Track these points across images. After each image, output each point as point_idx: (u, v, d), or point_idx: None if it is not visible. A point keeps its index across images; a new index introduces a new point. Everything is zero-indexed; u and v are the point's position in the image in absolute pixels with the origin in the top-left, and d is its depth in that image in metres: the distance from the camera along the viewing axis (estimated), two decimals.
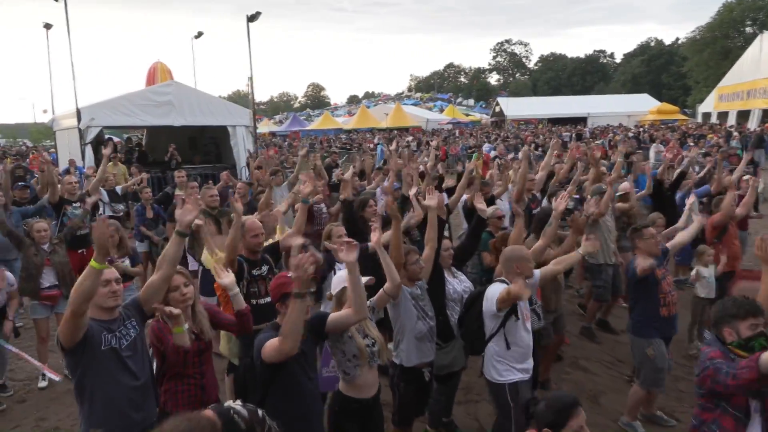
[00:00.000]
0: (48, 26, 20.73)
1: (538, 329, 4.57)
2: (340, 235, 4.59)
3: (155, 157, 19.56)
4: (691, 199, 5.74)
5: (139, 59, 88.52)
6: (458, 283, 4.42)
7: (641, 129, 33.00)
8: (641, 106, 44.14)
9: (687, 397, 5.15)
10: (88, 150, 15.50)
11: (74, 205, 6.77)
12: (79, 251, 6.47)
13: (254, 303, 3.96)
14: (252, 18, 19.01)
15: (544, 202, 7.02)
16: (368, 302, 3.34)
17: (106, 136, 26.74)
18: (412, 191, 5.99)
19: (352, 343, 3.17)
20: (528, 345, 3.68)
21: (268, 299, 4.03)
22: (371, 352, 3.22)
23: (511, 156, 16.89)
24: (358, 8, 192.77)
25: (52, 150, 24.08)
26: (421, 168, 9.69)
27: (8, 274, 5.20)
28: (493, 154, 18.29)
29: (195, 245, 5.90)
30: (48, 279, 5.44)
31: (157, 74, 24.57)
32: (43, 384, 5.57)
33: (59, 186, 7.06)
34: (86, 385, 2.80)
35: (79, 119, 15.39)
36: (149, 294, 3.07)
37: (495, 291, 3.60)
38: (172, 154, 16.42)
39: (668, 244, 4.79)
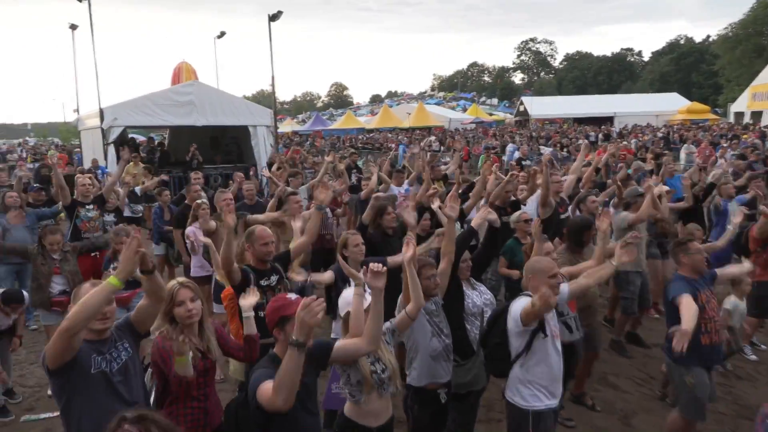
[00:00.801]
0: (74, 27, 20.94)
1: (571, 342, 4.29)
2: (357, 244, 4.35)
3: (177, 156, 19.64)
4: (738, 218, 5.40)
5: (164, 59, 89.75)
6: (478, 296, 4.14)
7: (670, 129, 32.12)
8: (670, 105, 43.00)
9: (728, 420, 4.80)
10: (111, 150, 15.58)
11: (87, 207, 6.64)
12: (92, 254, 6.32)
13: (261, 315, 3.74)
14: (274, 17, 18.91)
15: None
16: (387, 324, 3.10)
17: (130, 135, 27.11)
18: (435, 204, 5.73)
19: (356, 369, 2.91)
20: (558, 367, 3.37)
21: None
22: (379, 379, 2.94)
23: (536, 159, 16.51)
24: (384, 7, 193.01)
25: (78, 150, 24.38)
26: (444, 170, 9.45)
27: (24, 294, 5.10)
28: (516, 155, 17.84)
29: (209, 251, 5.72)
30: (58, 285, 5.30)
31: (182, 74, 24.71)
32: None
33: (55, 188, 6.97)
34: (73, 410, 2.58)
35: (102, 119, 15.49)
36: (142, 316, 2.85)
37: (519, 307, 3.31)
38: (193, 154, 16.40)
39: (718, 273, 4.36)
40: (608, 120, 42.30)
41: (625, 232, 5.44)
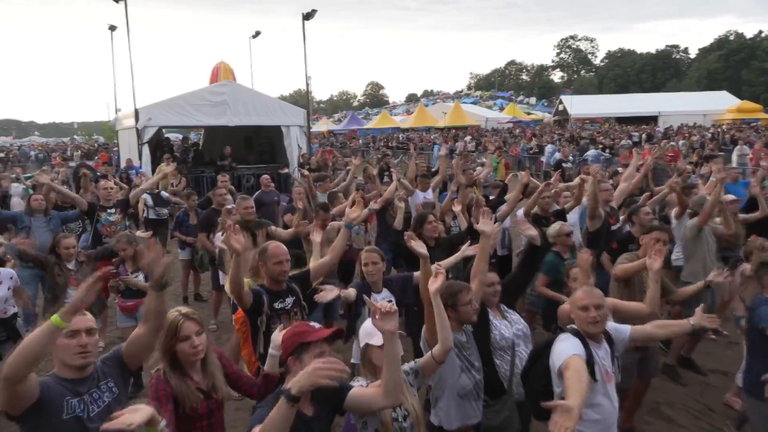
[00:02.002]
0: (112, 28, 21.21)
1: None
2: (367, 263, 3.91)
3: (212, 156, 19.66)
4: None
5: (203, 59, 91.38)
6: (507, 327, 3.58)
7: (720, 129, 30.65)
8: (719, 104, 41.10)
9: None
10: (145, 149, 15.65)
11: (109, 211, 6.45)
12: (114, 260, 6.13)
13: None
14: (308, 16, 18.73)
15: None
16: (411, 364, 2.71)
17: (166, 134, 27.39)
18: (456, 208, 5.30)
19: (374, 416, 2.52)
20: (611, 415, 2.89)
21: None
22: (400, 428, 2.55)
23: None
24: (421, 6, 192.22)
25: (116, 149, 24.74)
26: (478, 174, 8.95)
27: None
28: (557, 156, 17.10)
29: (225, 261, 5.44)
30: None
31: (220, 74, 24.80)
32: None
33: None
34: None
35: (137, 119, 15.55)
36: (136, 349, 2.52)
37: (565, 348, 2.84)
38: (228, 159, 16.40)
39: None
40: (652, 119, 40.79)
41: (693, 244, 4.89)
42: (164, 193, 10.21)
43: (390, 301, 3.85)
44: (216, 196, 6.96)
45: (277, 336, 2.86)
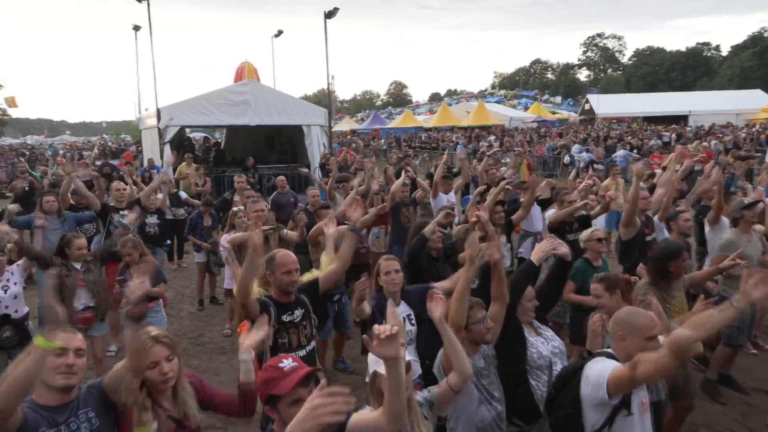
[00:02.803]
0: (137, 28, 21.34)
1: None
2: (389, 271, 3.62)
3: (234, 155, 19.64)
4: None
5: (227, 59, 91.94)
6: (543, 344, 3.32)
7: (754, 129, 29.64)
8: (752, 102, 39.74)
9: None
10: (167, 149, 15.64)
11: (121, 212, 6.32)
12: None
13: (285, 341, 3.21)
14: (329, 14, 18.56)
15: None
16: (425, 394, 2.44)
17: (192, 134, 27.53)
18: (482, 215, 4.99)
19: None
20: None
21: (302, 353, 3.23)
22: None
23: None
24: (444, 5, 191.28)
25: (141, 148, 24.93)
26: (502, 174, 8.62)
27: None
28: (585, 157, 16.60)
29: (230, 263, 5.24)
30: (82, 300, 4.93)
31: (244, 74, 24.84)
32: None
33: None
34: None
35: (158, 119, 15.55)
36: (116, 384, 2.30)
37: (600, 371, 2.55)
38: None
39: None
40: (682, 119, 39.72)
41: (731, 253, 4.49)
42: (182, 194, 10.12)
43: (408, 316, 3.62)
44: (243, 196, 6.82)
45: (246, 341, 2.59)
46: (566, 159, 21.07)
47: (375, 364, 2.34)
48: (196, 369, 5.75)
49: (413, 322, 3.58)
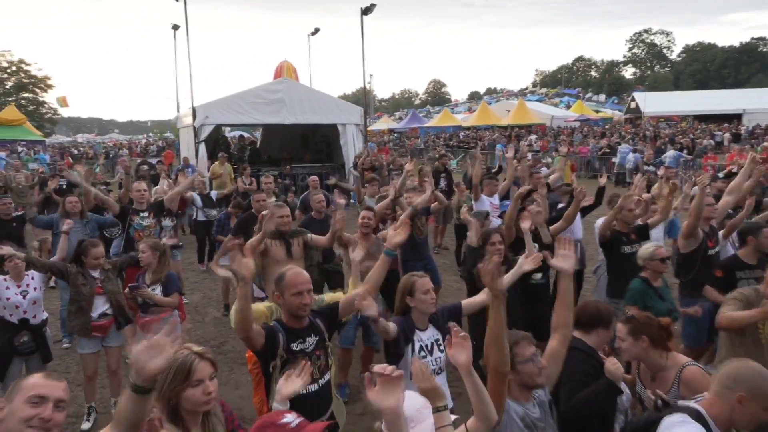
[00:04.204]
0: (175, 27, 21.47)
1: None
2: (428, 289, 3.14)
3: (270, 153, 19.53)
4: None
5: (267, 58, 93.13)
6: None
7: None
8: None
9: None
10: (202, 148, 15.61)
11: (141, 215, 6.07)
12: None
13: (313, 390, 2.83)
14: (366, 11, 18.23)
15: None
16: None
17: (232, 132, 27.63)
18: (525, 224, 4.47)
19: None
20: None
21: (315, 387, 2.83)
22: None
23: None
24: (487, 2, 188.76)
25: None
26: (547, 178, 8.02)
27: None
28: (630, 158, 15.72)
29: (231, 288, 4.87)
30: (98, 307, 4.65)
31: (283, 73, 24.84)
32: (86, 425, 4.84)
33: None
34: None
35: (194, 117, 15.52)
36: None
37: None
38: (287, 157, 16.24)
39: None
40: (735, 117, 37.73)
41: None
42: (214, 193, 9.93)
43: (437, 341, 3.17)
44: (254, 201, 6.44)
45: (285, 390, 2.29)
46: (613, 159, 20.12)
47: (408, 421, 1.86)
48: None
49: (442, 348, 3.13)
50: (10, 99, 48.74)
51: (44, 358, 4.65)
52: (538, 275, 4.78)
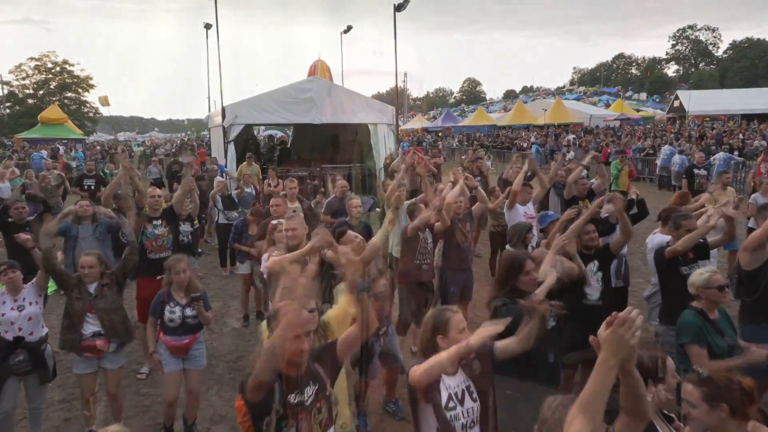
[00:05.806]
0: (208, 26, 21.45)
1: None
2: (463, 328, 2.63)
3: (300, 153, 19.28)
4: None
5: (302, 58, 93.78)
6: None
7: None
8: None
9: None
10: (231, 148, 15.40)
11: (154, 222, 5.72)
12: (158, 278, 5.30)
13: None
14: (399, 7, 17.77)
15: None
16: None
17: (266, 131, 27.55)
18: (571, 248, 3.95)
19: None
20: None
21: None
22: None
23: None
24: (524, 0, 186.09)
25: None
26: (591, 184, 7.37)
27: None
28: (677, 161, 14.71)
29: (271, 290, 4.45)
30: (91, 325, 4.27)
31: (317, 72, 24.70)
32: None
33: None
34: None
35: (223, 117, 15.33)
36: None
37: None
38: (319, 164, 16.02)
39: None
40: None
41: None
42: (234, 194, 9.67)
43: (468, 387, 2.67)
44: (270, 205, 6.03)
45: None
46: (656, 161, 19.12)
47: None
48: (230, 401, 5.04)
49: (474, 396, 2.63)
50: (54, 99, 50.18)
51: (42, 379, 4.33)
52: (595, 296, 4.32)
